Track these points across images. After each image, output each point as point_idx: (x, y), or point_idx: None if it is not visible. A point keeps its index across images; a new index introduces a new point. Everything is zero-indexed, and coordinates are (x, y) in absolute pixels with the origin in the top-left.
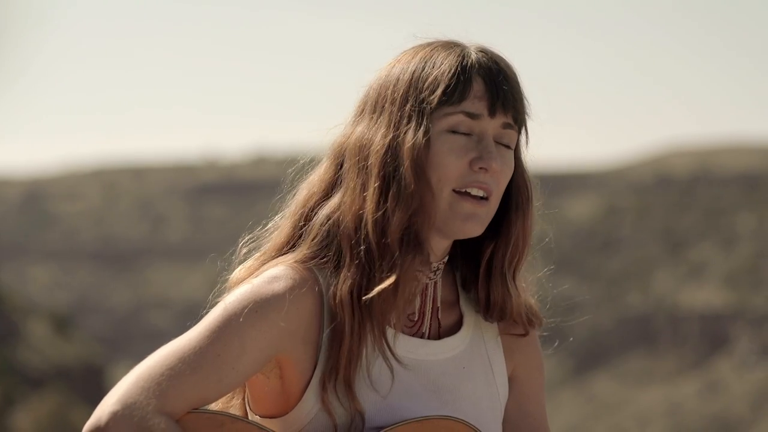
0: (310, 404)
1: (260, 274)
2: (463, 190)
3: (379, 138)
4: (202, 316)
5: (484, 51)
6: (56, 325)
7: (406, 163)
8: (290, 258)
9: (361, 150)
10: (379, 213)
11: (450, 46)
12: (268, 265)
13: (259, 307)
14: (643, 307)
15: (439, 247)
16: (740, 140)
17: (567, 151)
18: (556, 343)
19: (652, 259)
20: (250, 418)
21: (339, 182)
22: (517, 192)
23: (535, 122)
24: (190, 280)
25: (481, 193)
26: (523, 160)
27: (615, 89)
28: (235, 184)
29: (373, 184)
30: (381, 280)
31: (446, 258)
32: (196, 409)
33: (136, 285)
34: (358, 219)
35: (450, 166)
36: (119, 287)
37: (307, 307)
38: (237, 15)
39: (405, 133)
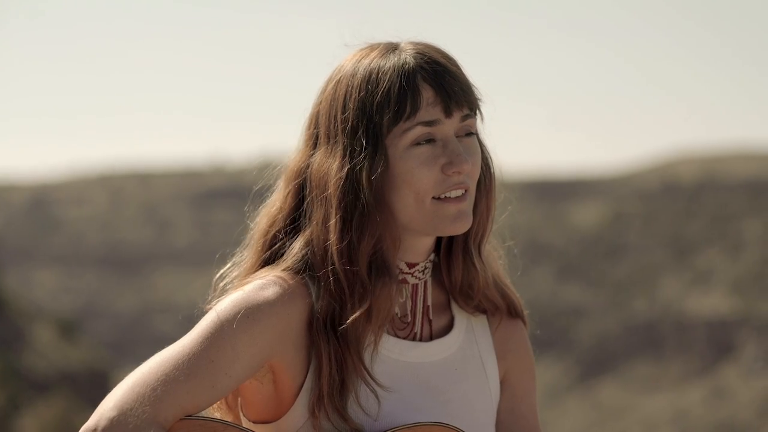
0: (301, 409)
1: (251, 282)
2: (443, 196)
3: (335, 169)
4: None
5: (421, 52)
6: (62, 330)
7: (367, 192)
8: (281, 266)
9: (321, 181)
10: (344, 243)
11: (385, 53)
12: (255, 276)
13: (250, 313)
14: (649, 314)
15: (422, 246)
16: (747, 147)
17: (573, 157)
18: (559, 349)
19: (658, 266)
20: (243, 423)
21: (303, 211)
22: (481, 171)
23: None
24: (196, 286)
25: (460, 193)
26: (481, 138)
27: (621, 96)
28: (242, 190)
29: (335, 216)
30: (354, 309)
31: (432, 256)
32: (189, 415)
33: (142, 290)
34: (324, 250)
35: (424, 178)
36: (125, 292)
37: (298, 313)
38: (245, 19)
39: (362, 161)
